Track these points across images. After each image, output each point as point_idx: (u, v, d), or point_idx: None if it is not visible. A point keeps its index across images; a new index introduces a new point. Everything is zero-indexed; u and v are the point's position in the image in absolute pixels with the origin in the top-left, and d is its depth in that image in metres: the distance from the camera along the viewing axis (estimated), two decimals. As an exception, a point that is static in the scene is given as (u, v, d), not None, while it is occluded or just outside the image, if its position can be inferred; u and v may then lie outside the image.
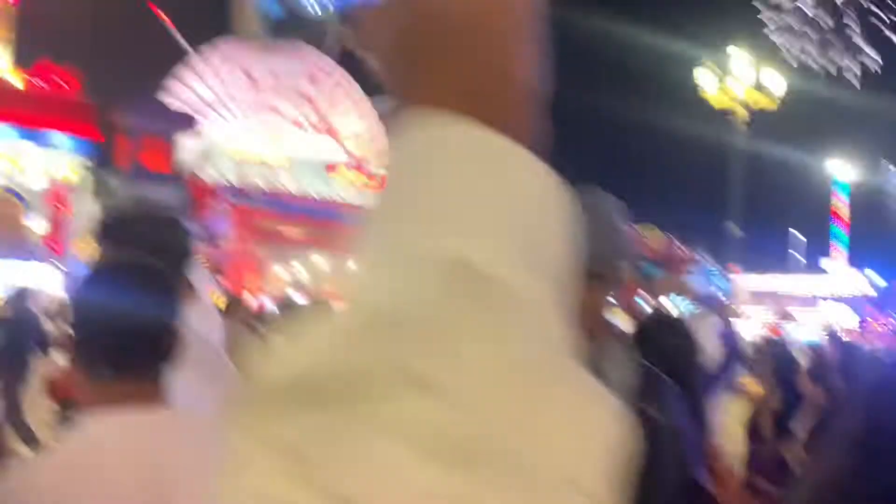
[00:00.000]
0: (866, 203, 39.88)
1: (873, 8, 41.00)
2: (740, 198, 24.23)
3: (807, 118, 41.28)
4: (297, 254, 27.16)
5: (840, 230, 37.43)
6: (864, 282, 35.45)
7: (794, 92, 28.63)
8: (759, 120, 25.08)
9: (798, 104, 32.78)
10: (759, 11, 42.96)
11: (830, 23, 41.90)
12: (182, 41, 32.00)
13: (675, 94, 31.85)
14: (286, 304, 9.77)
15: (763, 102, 24.07)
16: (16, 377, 7.57)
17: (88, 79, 21.54)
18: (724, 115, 24.53)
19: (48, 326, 8.66)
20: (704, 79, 24.57)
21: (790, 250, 39.19)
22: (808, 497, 1.09)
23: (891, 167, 40.89)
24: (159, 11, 30.68)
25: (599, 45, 37.11)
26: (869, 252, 37.40)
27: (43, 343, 8.04)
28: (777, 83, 24.79)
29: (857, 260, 36.43)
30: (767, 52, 26.05)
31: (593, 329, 1.75)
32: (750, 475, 5.68)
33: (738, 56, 24.59)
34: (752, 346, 11.00)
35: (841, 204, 38.50)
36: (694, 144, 38.95)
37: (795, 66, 29.80)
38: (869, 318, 35.13)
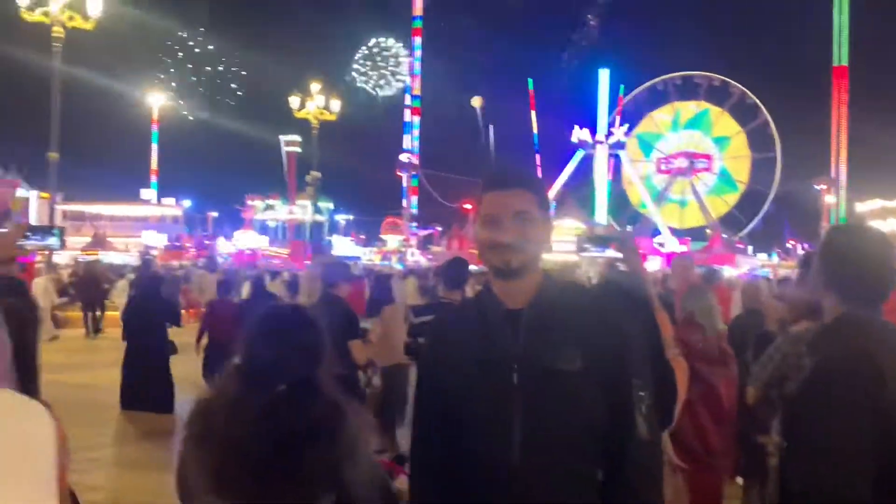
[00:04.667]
0: (174, 136, 42.89)
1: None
2: (61, 125, 22.39)
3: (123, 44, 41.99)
4: None
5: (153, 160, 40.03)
6: (178, 209, 38.64)
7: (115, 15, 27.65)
8: (78, 43, 23.36)
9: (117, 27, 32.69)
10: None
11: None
12: None
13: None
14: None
15: (79, 21, 21.99)
16: None
17: None
18: (45, 36, 22.48)
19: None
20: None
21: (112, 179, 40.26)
22: None
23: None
24: None
25: None
26: (179, 181, 40.89)
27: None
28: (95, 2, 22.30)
29: (169, 190, 39.35)
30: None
31: None
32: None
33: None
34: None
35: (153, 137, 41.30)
36: (15, 67, 36.24)
37: None
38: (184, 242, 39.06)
